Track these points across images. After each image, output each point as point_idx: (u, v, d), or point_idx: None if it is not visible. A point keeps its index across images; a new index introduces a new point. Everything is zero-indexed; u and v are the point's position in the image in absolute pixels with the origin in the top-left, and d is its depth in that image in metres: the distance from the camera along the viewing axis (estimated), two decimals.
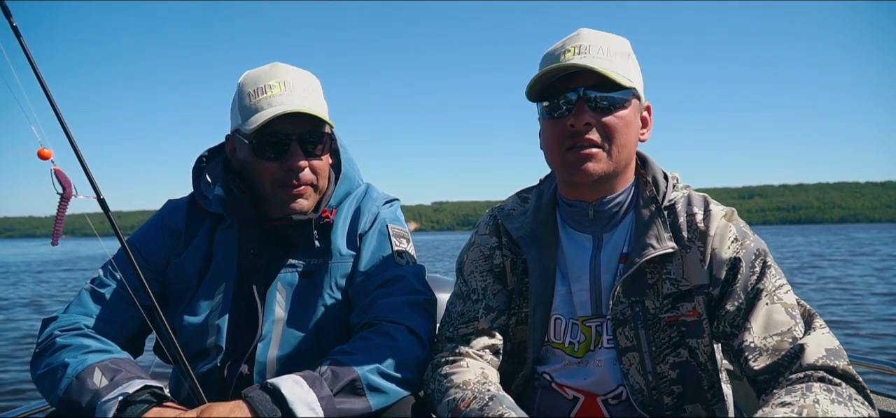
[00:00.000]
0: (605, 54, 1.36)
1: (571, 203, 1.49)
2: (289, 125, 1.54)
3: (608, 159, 1.38)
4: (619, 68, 1.36)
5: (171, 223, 1.71)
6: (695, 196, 1.46)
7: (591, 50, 1.36)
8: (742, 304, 1.34)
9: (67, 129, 1.36)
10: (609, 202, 1.45)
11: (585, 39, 1.38)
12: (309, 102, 1.56)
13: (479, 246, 1.59)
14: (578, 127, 1.35)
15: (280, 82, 1.56)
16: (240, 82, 1.60)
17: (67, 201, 1.29)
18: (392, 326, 1.51)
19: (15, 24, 1.33)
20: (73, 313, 1.57)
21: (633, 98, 1.39)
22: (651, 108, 1.49)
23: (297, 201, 1.58)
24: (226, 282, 1.63)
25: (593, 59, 1.35)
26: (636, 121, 1.42)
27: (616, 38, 1.41)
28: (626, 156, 1.41)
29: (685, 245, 1.40)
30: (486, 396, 1.33)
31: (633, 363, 1.41)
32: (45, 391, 1.46)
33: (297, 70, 1.61)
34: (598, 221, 1.47)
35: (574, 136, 1.36)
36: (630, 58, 1.40)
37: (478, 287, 1.55)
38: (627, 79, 1.36)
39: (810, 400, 1.15)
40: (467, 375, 1.40)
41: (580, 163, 1.37)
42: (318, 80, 1.65)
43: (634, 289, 1.40)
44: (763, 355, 1.27)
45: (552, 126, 1.40)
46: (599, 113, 1.35)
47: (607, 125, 1.36)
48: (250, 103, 1.55)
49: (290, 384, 1.33)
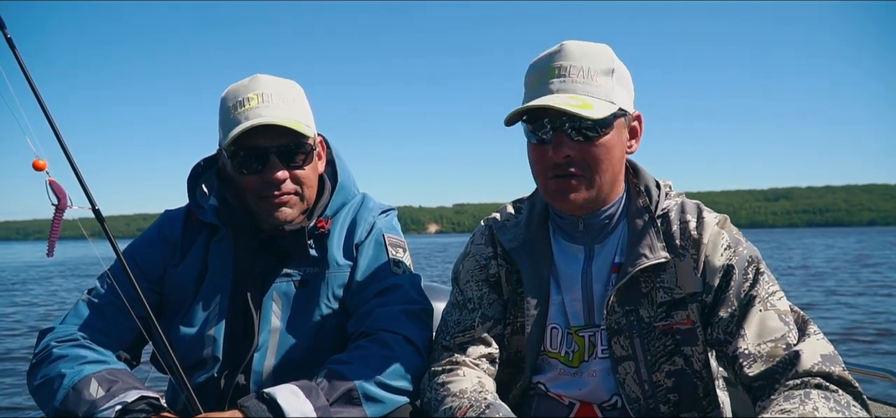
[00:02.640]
0: (586, 77, 1.33)
1: (562, 216, 1.49)
2: (266, 138, 1.52)
3: (589, 189, 1.37)
4: (599, 92, 1.33)
5: (167, 233, 1.70)
6: (688, 203, 1.46)
7: (570, 72, 1.34)
8: (735, 311, 1.34)
9: (62, 141, 1.36)
10: (599, 215, 1.45)
11: (566, 59, 1.35)
12: (287, 113, 1.54)
13: (475, 256, 1.59)
14: (558, 160, 1.35)
15: (258, 94, 1.54)
16: (222, 97, 1.59)
17: (62, 212, 1.28)
18: (389, 336, 1.51)
19: (9, 35, 1.33)
20: (70, 324, 1.57)
21: (616, 119, 1.36)
22: (641, 118, 1.46)
23: (280, 210, 1.57)
24: (221, 293, 1.62)
25: (573, 85, 1.32)
26: (620, 139, 1.39)
27: (599, 52, 1.37)
28: (611, 178, 1.40)
29: (678, 253, 1.39)
30: (482, 404, 1.32)
31: (629, 372, 1.40)
32: (41, 402, 1.46)
33: (277, 80, 1.60)
34: (589, 233, 1.47)
35: (556, 167, 1.36)
36: (613, 74, 1.36)
37: (474, 296, 1.55)
38: (609, 101, 1.33)
39: (809, 407, 1.15)
40: (464, 384, 1.40)
41: (563, 192, 1.37)
42: (301, 89, 1.64)
43: (628, 298, 1.40)
44: (757, 362, 1.27)
45: (535, 151, 1.40)
46: (580, 143, 1.34)
47: (589, 154, 1.35)
48: (230, 117, 1.54)
49: (287, 393, 1.33)
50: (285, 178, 1.56)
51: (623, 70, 1.41)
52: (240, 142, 1.51)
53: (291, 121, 1.52)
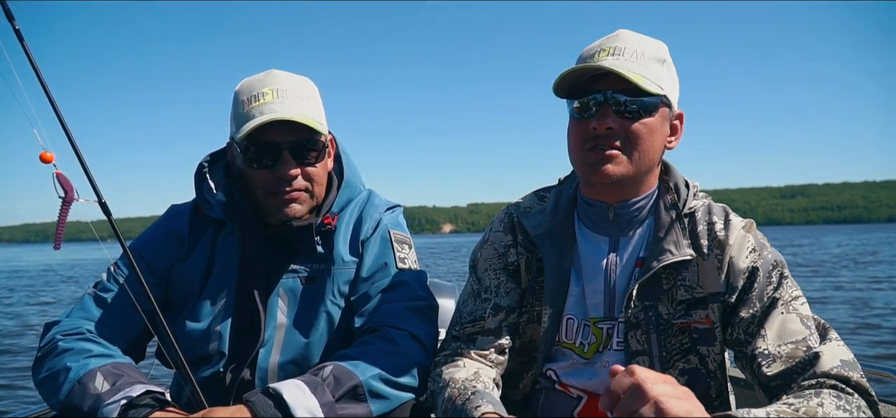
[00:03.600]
0: (638, 59, 1.35)
1: (592, 203, 1.48)
2: (280, 134, 1.52)
3: (628, 163, 1.37)
4: (650, 73, 1.35)
5: (174, 228, 1.70)
6: (715, 206, 1.46)
7: (624, 52, 1.35)
8: (757, 312, 1.33)
9: (69, 133, 1.36)
10: (630, 205, 1.45)
11: (621, 41, 1.38)
12: (301, 109, 1.54)
13: (494, 244, 1.58)
14: (600, 131, 1.35)
15: (273, 89, 1.54)
16: (235, 90, 1.59)
17: (69, 205, 1.28)
18: (394, 332, 1.51)
19: (18, 27, 1.33)
20: (76, 317, 1.57)
21: (661, 105, 1.38)
22: (683, 117, 1.47)
23: (289, 207, 1.57)
24: (228, 288, 1.62)
25: (625, 63, 1.34)
26: (663, 128, 1.40)
27: (654, 43, 1.39)
28: (648, 161, 1.40)
29: (703, 253, 1.39)
30: (468, 391, 1.33)
31: (643, 367, 1.40)
32: (46, 395, 1.46)
33: (292, 77, 1.60)
34: (616, 224, 1.47)
35: (596, 138, 1.36)
36: (665, 64, 1.39)
37: (491, 284, 1.54)
38: (658, 85, 1.35)
39: (815, 402, 1.15)
40: (460, 373, 1.41)
41: (599, 164, 1.37)
42: (315, 87, 1.64)
43: (649, 293, 1.40)
44: (777, 362, 1.27)
45: (577, 125, 1.40)
46: (624, 117, 1.35)
47: (631, 130, 1.35)
48: (243, 111, 1.53)
49: (292, 389, 1.33)
50: (297, 175, 1.56)
51: (674, 67, 1.43)
52: (253, 136, 1.51)
53: (306, 118, 1.52)
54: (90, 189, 1.37)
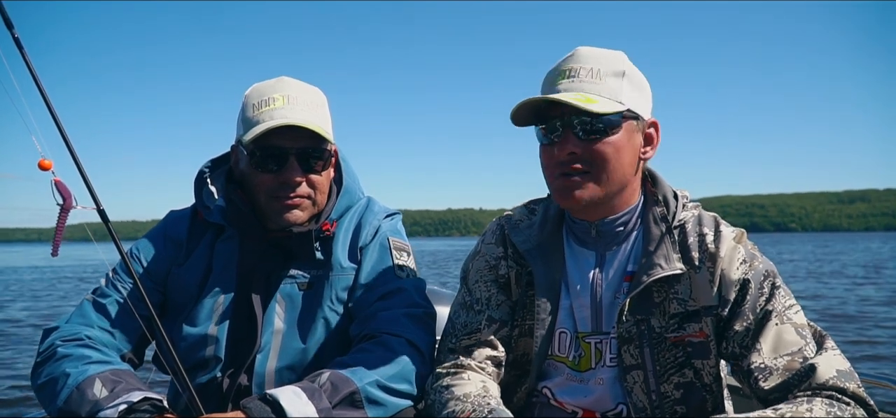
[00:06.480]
0: (594, 77, 1.35)
1: (576, 220, 1.48)
2: (288, 140, 1.54)
3: (596, 185, 1.37)
4: (606, 91, 1.34)
5: (172, 233, 1.71)
6: (705, 216, 1.46)
7: (580, 74, 1.36)
8: (751, 325, 1.33)
9: (68, 140, 1.36)
10: (612, 222, 1.44)
11: (577, 62, 1.38)
12: (310, 117, 1.56)
13: (485, 255, 1.58)
14: (562, 157, 1.36)
15: (284, 96, 1.56)
16: (246, 94, 1.61)
17: (67, 212, 1.29)
18: (392, 338, 1.51)
19: (17, 35, 1.33)
20: (75, 323, 1.58)
21: (624, 121, 1.36)
22: (658, 125, 1.45)
23: (291, 212, 1.58)
24: (225, 293, 1.62)
25: (580, 85, 1.34)
26: (631, 142, 1.39)
27: (611, 56, 1.39)
28: (619, 179, 1.39)
29: (694, 265, 1.39)
30: (485, 409, 1.32)
31: (637, 381, 1.40)
32: (45, 401, 1.46)
33: (302, 84, 1.62)
34: (601, 239, 1.46)
35: (562, 164, 1.37)
36: (625, 76, 1.37)
37: (482, 297, 1.54)
38: (617, 101, 1.34)
39: (804, 408, 1.16)
40: (468, 388, 1.39)
41: (568, 189, 1.37)
42: (325, 97, 1.66)
43: (641, 307, 1.39)
44: (773, 375, 1.27)
45: (545, 151, 1.42)
46: (587, 140, 1.35)
47: (594, 151, 1.35)
48: (253, 115, 1.55)
49: (289, 395, 1.33)
50: (301, 181, 1.57)
51: (638, 76, 1.41)
52: (261, 140, 1.52)
53: (314, 125, 1.53)
54: (88, 196, 1.38)
